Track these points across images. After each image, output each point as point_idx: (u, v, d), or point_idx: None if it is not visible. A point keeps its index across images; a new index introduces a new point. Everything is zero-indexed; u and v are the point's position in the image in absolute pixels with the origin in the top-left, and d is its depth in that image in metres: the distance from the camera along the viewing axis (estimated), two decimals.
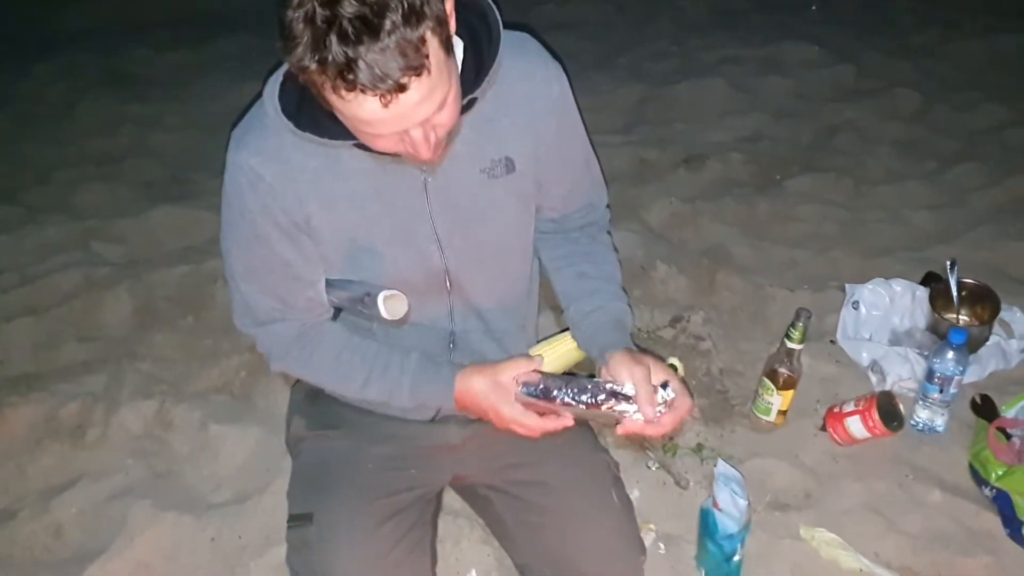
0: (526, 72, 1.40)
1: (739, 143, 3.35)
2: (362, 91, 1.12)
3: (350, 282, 1.50)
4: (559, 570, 1.67)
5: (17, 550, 1.88)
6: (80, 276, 2.66)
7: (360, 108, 1.15)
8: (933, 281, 2.40)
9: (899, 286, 2.38)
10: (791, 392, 2.11)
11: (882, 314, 2.36)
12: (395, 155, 1.29)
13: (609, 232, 1.72)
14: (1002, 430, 1.98)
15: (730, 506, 1.73)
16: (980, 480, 1.96)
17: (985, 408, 2.11)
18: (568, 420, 1.49)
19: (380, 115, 1.16)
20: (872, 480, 2.00)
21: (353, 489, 1.60)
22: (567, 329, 1.68)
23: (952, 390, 2.06)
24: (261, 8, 4.54)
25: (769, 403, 2.12)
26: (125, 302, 2.57)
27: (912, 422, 2.12)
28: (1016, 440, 1.96)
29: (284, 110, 1.30)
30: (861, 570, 1.80)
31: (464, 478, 1.76)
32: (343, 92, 1.13)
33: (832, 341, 2.37)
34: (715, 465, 1.90)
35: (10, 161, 3.41)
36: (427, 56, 1.13)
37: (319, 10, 1.08)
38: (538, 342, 1.72)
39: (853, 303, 2.38)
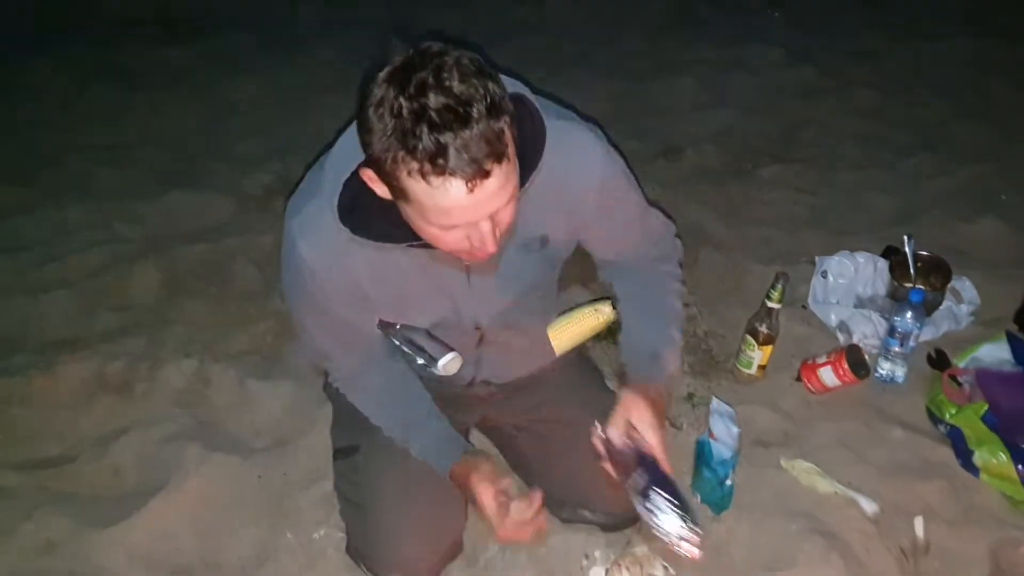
0: (565, 163, 1.44)
1: (712, 136, 3.61)
2: (451, 175, 1.18)
3: (410, 346, 1.68)
4: (570, 494, 1.92)
5: (80, 487, 2.06)
6: (107, 252, 2.83)
7: (446, 194, 1.20)
8: (892, 253, 2.67)
9: (862, 258, 2.66)
10: (770, 348, 2.37)
11: (847, 282, 2.63)
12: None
13: (680, 264, 1.84)
14: (954, 378, 2.26)
15: (724, 435, 1.99)
16: (936, 419, 2.23)
17: (939, 361, 2.39)
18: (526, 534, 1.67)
19: (463, 201, 1.21)
20: (842, 421, 2.26)
21: None
22: (579, 305, 1.94)
23: (911, 344, 2.33)
24: (248, 6, 4.76)
25: (751, 358, 2.38)
26: (152, 275, 2.75)
27: (876, 374, 2.39)
28: (966, 386, 2.24)
29: (341, 208, 1.37)
30: (836, 492, 2.05)
31: (491, 419, 2.00)
32: (432, 179, 1.18)
33: (804, 306, 2.64)
34: (708, 406, 2.15)
35: (20, 148, 3.53)
36: (507, 145, 1.22)
37: (405, 104, 1.15)
38: (558, 316, 1.97)
39: (822, 272, 2.65)
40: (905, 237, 2.62)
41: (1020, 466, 2.03)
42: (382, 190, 1.29)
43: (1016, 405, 2.14)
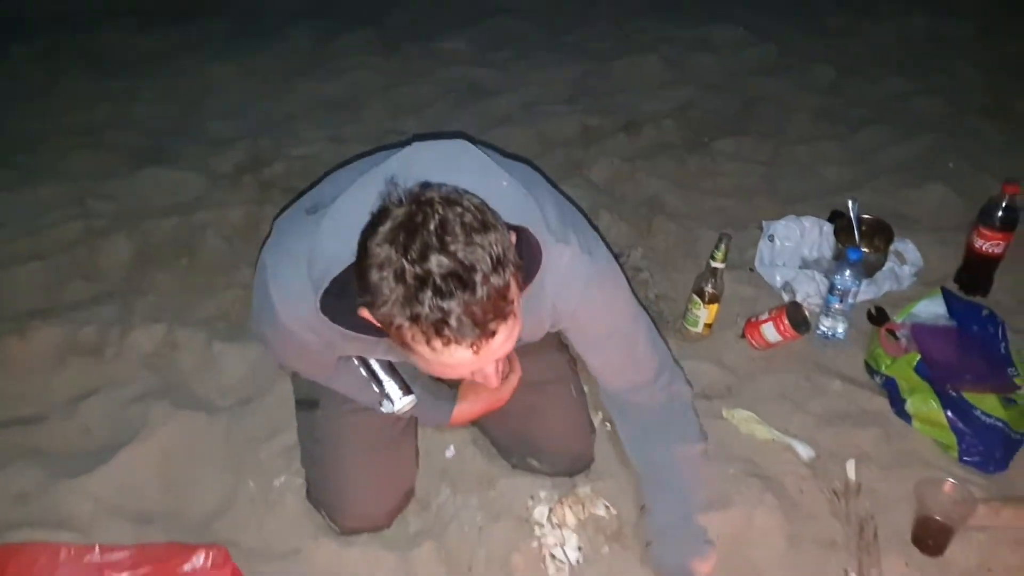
0: (552, 281, 1.47)
1: (673, 111, 3.71)
2: (456, 342, 1.18)
3: (371, 376, 1.72)
4: (521, 445, 2.02)
5: (51, 444, 2.15)
6: (79, 227, 2.91)
7: (451, 357, 1.20)
8: (838, 217, 2.77)
9: (808, 222, 2.76)
10: (715, 306, 2.47)
11: (793, 245, 2.74)
12: None
13: (695, 412, 1.84)
14: (891, 332, 2.37)
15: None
16: (873, 371, 2.34)
17: (879, 317, 2.50)
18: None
19: (468, 360, 1.22)
20: (783, 374, 2.37)
21: None
22: None
23: (850, 300, 2.44)
24: None
25: (697, 316, 2.48)
26: (123, 248, 2.83)
27: (818, 331, 2.50)
28: (902, 339, 2.34)
29: (325, 300, 1.37)
30: (773, 439, 2.15)
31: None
32: (436, 344, 1.18)
33: (751, 269, 2.74)
34: None
35: None
36: (512, 301, 1.21)
37: (408, 268, 1.13)
38: None
39: (769, 236, 2.75)
40: (849, 201, 2.72)
41: (949, 412, 2.13)
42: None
43: (947, 356, 2.25)
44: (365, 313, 1.25)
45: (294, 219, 1.55)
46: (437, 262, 1.13)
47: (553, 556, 1.86)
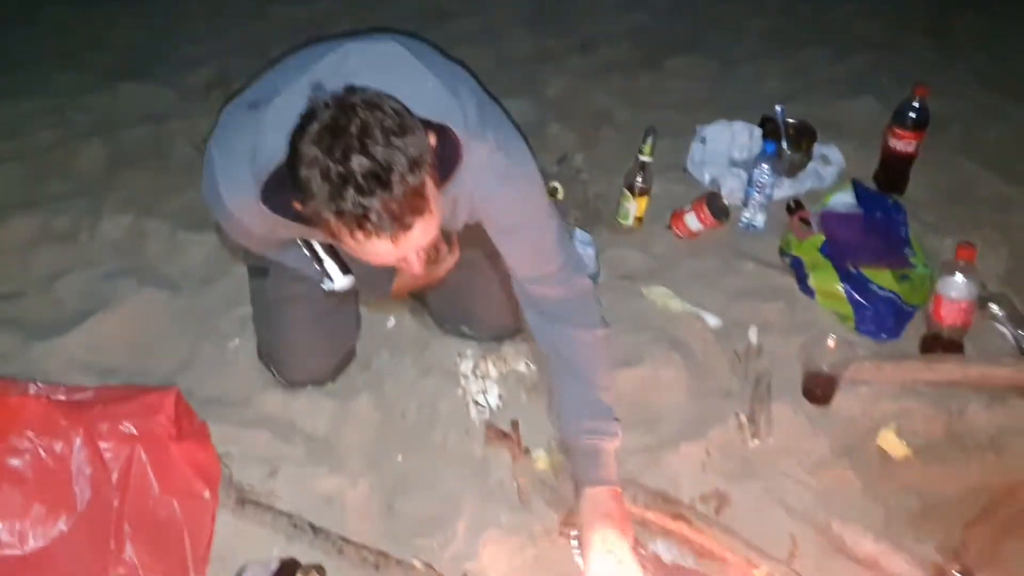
0: (472, 180, 1.57)
1: (627, 33, 3.89)
2: (376, 235, 1.30)
3: (312, 255, 1.87)
4: (459, 316, 2.22)
5: (27, 315, 2.35)
6: (58, 133, 3.11)
7: (373, 248, 1.33)
8: (767, 122, 2.96)
9: (739, 126, 2.95)
10: (645, 199, 2.67)
11: (724, 147, 2.93)
12: None
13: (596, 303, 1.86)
14: (803, 220, 2.57)
15: (582, 253, 2.28)
16: (784, 254, 2.54)
17: (796, 209, 2.69)
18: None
19: (389, 250, 1.34)
20: (702, 259, 2.57)
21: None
22: None
23: (768, 192, 2.63)
24: None
25: (627, 209, 2.68)
26: (98, 151, 3.03)
27: (739, 223, 2.70)
28: (813, 226, 2.54)
29: (265, 190, 1.50)
30: (685, 311, 2.36)
31: None
32: (359, 236, 1.31)
33: (684, 169, 2.93)
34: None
35: None
36: (428, 198, 1.32)
37: (332, 167, 1.24)
38: None
39: (701, 138, 2.94)
40: (777, 107, 2.90)
41: (847, 285, 2.33)
42: None
43: (848, 237, 2.46)
44: (299, 206, 1.40)
45: (238, 113, 1.68)
46: (358, 162, 1.23)
47: (476, 402, 2.08)
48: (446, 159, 1.46)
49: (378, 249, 1.34)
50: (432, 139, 1.36)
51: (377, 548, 1.71)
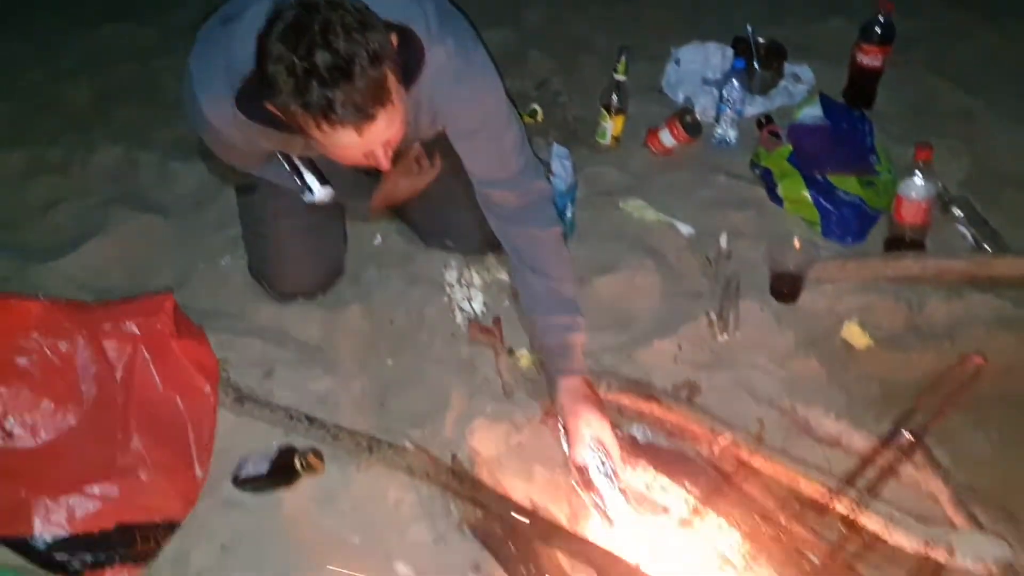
0: (436, 86, 1.64)
1: None
2: (341, 124, 1.37)
3: (291, 167, 1.94)
4: (443, 230, 2.30)
5: (26, 241, 2.44)
6: (45, 73, 3.18)
7: (339, 138, 1.40)
8: (739, 42, 3.03)
9: (712, 47, 3.02)
10: (621, 118, 2.75)
11: (698, 67, 3.00)
12: None
13: (565, 234, 1.94)
14: (773, 133, 2.66)
15: (560, 171, 2.37)
16: (754, 166, 2.63)
17: (766, 123, 2.78)
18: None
19: (355, 141, 1.41)
20: (677, 173, 2.67)
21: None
22: None
23: (738, 107, 2.72)
24: None
25: (604, 128, 2.76)
26: (86, 88, 3.11)
27: (712, 139, 2.79)
28: (782, 138, 2.63)
29: (240, 97, 1.56)
30: (659, 220, 2.46)
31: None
32: (324, 127, 1.38)
33: (660, 91, 3.01)
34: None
35: None
36: (390, 90, 1.39)
37: (297, 62, 1.31)
38: None
39: (675, 60, 3.02)
40: (748, 27, 2.97)
41: (813, 191, 2.43)
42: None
43: (815, 147, 2.55)
44: (271, 107, 1.47)
45: (213, 29, 1.73)
46: (321, 57, 1.30)
47: (461, 308, 2.18)
48: (410, 62, 1.52)
49: (345, 140, 1.41)
50: (394, 39, 1.42)
51: (370, 434, 1.81)
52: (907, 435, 1.54)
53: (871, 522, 1.46)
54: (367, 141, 1.44)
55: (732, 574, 1.38)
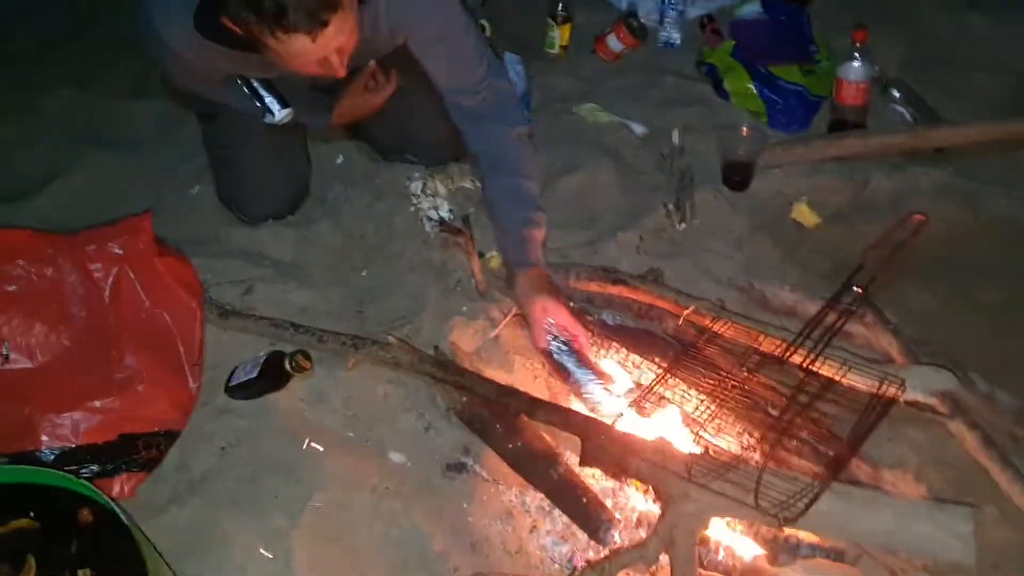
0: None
1: None
2: (295, 30, 1.42)
3: (251, 91, 1.95)
4: (403, 144, 2.36)
5: None
6: None
7: (292, 45, 1.45)
8: None
9: None
10: (568, 27, 2.82)
11: None
12: None
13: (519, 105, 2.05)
14: (715, 31, 2.74)
15: (514, 77, 2.43)
16: (700, 64, 2.72)
17: (708, 22, 2.86)
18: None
19: (309, 48, 1.46)
20: (626, 77, 2.75)
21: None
22: None
23: (680, 8, 2.79)
24: None
25: (552, 38, 2.83)
26: (28, 32, 3.12)
27: (658, 42, 2.86)
28: (724, 35, 2.72)
29: (198, 17, 1.61)
30: (613, 121, 2.54)
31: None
32: (279, 34, 1.43)
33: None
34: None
35: None
36: None
37: None
38: None
39: None
40: None
41: (757, 83, 2.53)
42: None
43: (756, 41, 2.64)
44: (227, 21, 1.52)
45: None
46: None
47: (429, 218, 2.25)
48: None
49: (298, 47, 1.46)
50: None
51: (354, 334, 1.90)
52: (856, 289, 1.66)
53: (827, 368, 1.57)
54: (320, 47, 1.50)
55: (698, 429, 1.49)
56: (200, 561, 1.56)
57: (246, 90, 2.00)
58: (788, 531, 1.48)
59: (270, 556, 1.58)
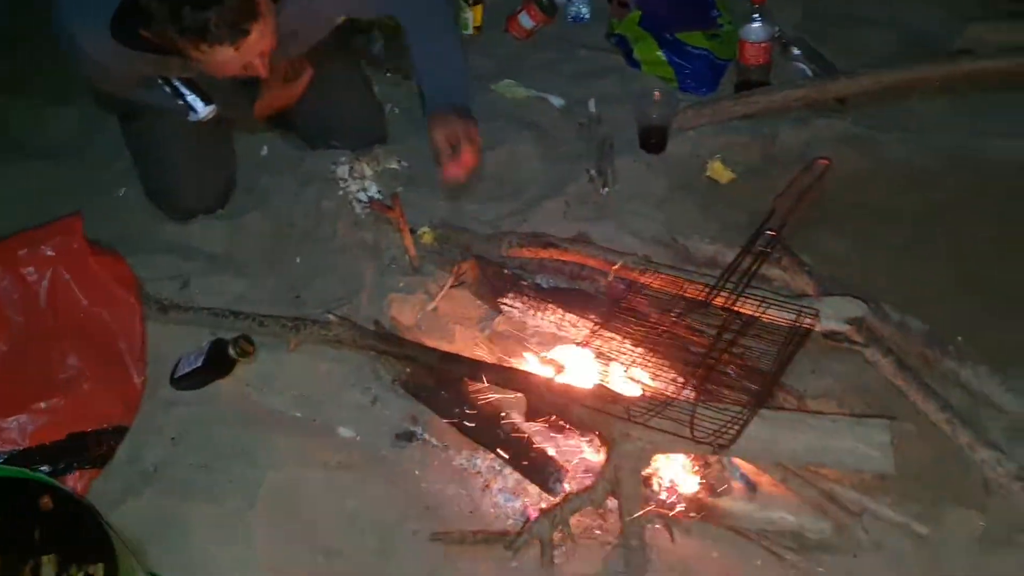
0: None
1: None
2: (219, 43, 1.48)
3: (172, 90, 1.95)
4: (327, 131, 2.39)
5: None
6: None
7: (216, 56, 1.51)
8: None
9: None
10: (479, 8, 2.88)
11: None
12: None
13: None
14: (621, 3, 2.83)
15: None
16: (610, 36, 2.80)
17: None
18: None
19: (232, 56, 1.52)
20: (540, 53, 2.83)
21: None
22: None
23: None
24: None
25: (466, 19, 2.88)
26: None
27: (568, 17, 2.94)
28: (631, 5, 2.80)
29: (114, 24, 1.62)
30: (531, 96, 2.62)
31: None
32: (202, 47, 1.48)
33: None
34: None
35: None
36: (258, 3, 1.50)
37: None
38: None
39: None
40: None
41: (665, 50, 2.62)
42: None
43: (661, 9, 2.73)
44: (147, 34, 1.56)
45: None
46: None
47: (357, 199, 2.29)
48: None
49: (223, 57, 1.53)
50: None
51: (294, 316, 1.94)
52: (769, 232, 1.76)
53: (748, 307, 1.67)
54: (243, 55, 1.55)
55: (634, 373, 1.57)
56: (160, 550, 1.58)
57: (167, 89, 2.00)
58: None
59: (229, 538, 1.61)
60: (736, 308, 1.65)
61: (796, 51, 2.66)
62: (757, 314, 1.65)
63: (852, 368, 1.86)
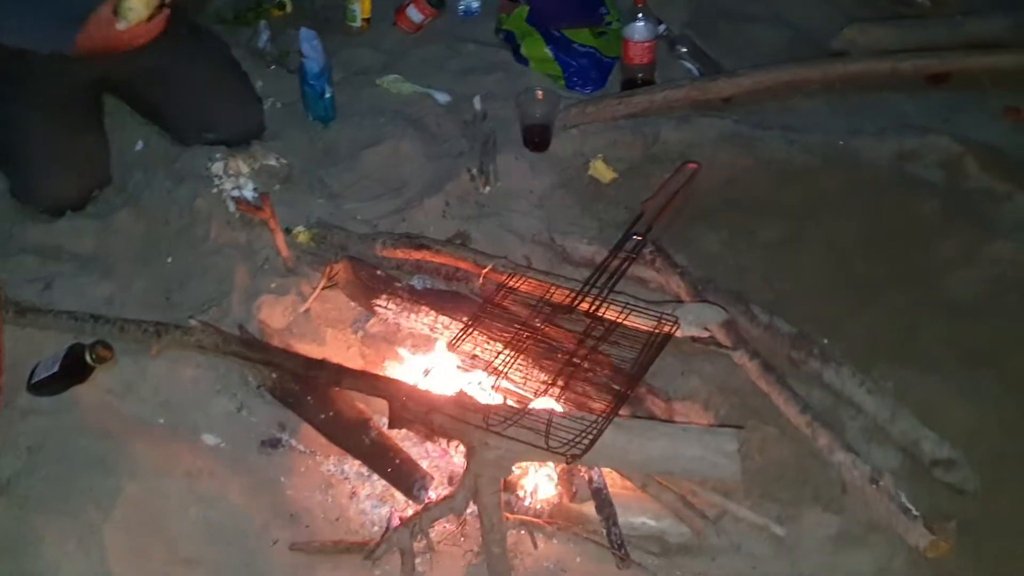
0: None
1: None
2: None
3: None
4: (201, 123, 2.33)
5: None
6: None
7: None
8: None
9: None
10: (368, 0, 2.82)
11: None
12: None
13: None
14: None
15: (311, 52, 2.43)
16: (498, 31, 2.79)
17: None
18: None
19: None
20: (428, 47, 2.80)
21: (32, 83, 2.13)
22: None
23: None
24: None
25: (354, 11, 2.83)
26: None
27: (458, 11, 2.92)
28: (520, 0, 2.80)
29: None
30: (417, 91, 2.59)
31: (112, 78, 2.31)
32: None
33: None
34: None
35: None
36: None
37: None
38: None
39: None
40: None
41: (552, 47, 2.62)
42: None
43: (549, 5, 2.73)
44: None
45: None
46: None
47: (232, 198, 2.24)
48: None
49: None
50: None
51: (156, 320, 1.88)
52: (636, 236, 1.77)
53: (611, 312, 1.68)
54: None
55: (495, 378, 1.57)
56: (11, 563, 1.54)
57: None
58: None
59: (83, 551, 1.57)
60: (599, 313, 1.65)
61: (682, 49, 2.68)
62: (619, 320, 1.66)
63: (721, 370, 1.89)
